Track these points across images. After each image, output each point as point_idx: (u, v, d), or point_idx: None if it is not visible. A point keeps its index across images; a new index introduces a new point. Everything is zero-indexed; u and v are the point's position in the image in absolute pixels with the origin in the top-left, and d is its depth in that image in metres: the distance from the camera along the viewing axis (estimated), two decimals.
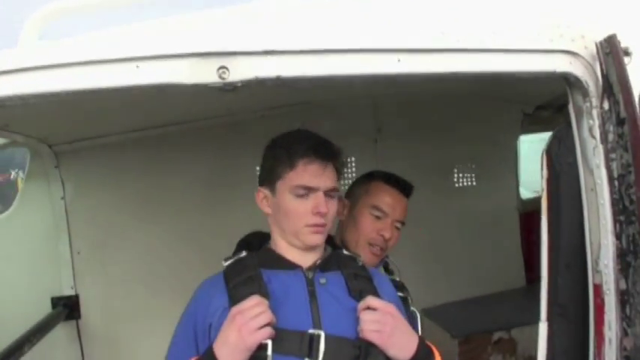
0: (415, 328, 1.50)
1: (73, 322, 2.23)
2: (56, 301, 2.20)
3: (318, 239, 1.22)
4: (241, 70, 0.88)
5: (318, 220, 1.19)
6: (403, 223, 1.64)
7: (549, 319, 1.20)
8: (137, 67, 0.86)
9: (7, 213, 2.20)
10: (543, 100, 2.72)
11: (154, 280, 2.26)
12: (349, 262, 1.27)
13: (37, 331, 1.98)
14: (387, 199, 1.59)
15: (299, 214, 1.19)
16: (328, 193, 1.20)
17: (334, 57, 0.91)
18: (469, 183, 2.91)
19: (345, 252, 1.33)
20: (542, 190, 1.19)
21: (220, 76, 0.88)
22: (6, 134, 1.73)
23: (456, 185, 2.90)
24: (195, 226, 2.28)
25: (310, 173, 1.19)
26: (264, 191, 1.25)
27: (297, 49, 0.90)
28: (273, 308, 1.09)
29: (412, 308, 1.55)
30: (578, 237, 1.17)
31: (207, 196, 2.28)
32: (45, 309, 2.17)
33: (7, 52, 0.90)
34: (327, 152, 1.24)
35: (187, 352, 1.16)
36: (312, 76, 0.91)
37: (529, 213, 3.00)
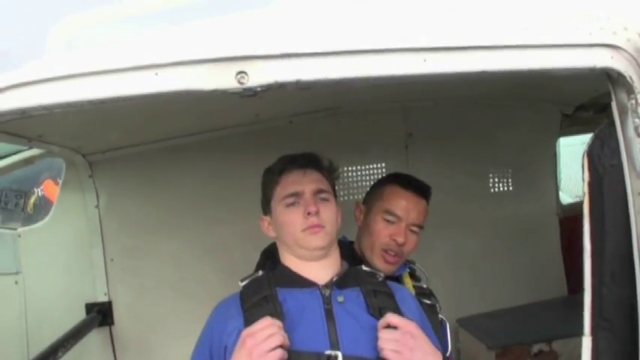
0: (444, 336, 1.45)
1: (107, 328, 2.26)
2: (90, 308, 2.24)
3: (320, 240, 1.21)
4: (260, 75, 0.86)
5: (312, 220, 1.20)
6: (421, 227, 1.58)
7: (593, 333, 1.12)
8: (156, 74, 0.85)
9: (44, 221, 2.27)
10: (584, 100, 2.59)
11: (185, 286, 2.28)
12: (369, 278, 1.24)
13: (71, 336, 2.02)
14: (400, 202, 1.55)
15: (293, 221, 1.23)
16: (318, 196, 1.23)
17: (356, 58, 0.88)
18: (505, 188, 2.80)
19: (364, 268, 1.31)
20: (584, 194, 1.11)
21: (239, 81, 0.86)
22: (41, 145, 1.77)
23: (492, 190, 2.79)
24: (223, 233, 2.29)
25: (291, 181, 1.27)
26: (266, 218, 1.31)
27: (317, 52, 0.87)
28: (288, 329, 1.07)
29: (441, 316, 1.50)
30: (624, 244, 1.09)
31: (236, 203, 2.28)
32: (79, 315, 2.22)
33: (31, 62, 0.91)
34: (303, 159, 1.32)
35: None
36: (333, 79, 0.88)
37: (570, 218, 2.86)
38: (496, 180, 2.80)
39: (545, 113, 2.71)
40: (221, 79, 0.86)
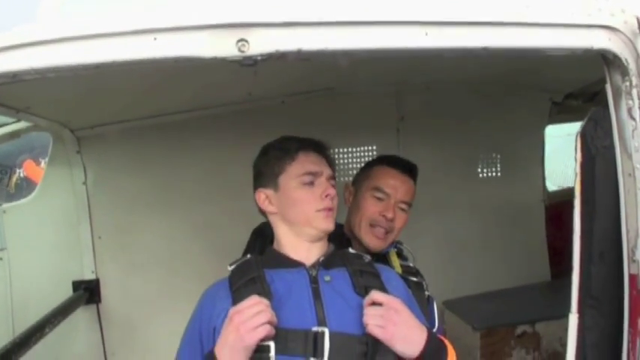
0: (431, 312, 1.47)
1: (94, 305, 2.25)
2: (77, 285, 2.22)
3: (330, 223, 1.24)
4: (261, 43, 0.85)
5: (328, 203, 1.23)
6: (409, 205, 1.61)
7: (580, 310, 1.14)
8: (155, 39, 0.83)
9: (29, 197, 2.23)
10: (573, 88, 2.62)
11: (173, 265, 2.27)
12: (355, 259, 1.26)
13: (59, 313, 2.00)
14: (388, 180, 1.58)
15: (309, 200, 1.23)
16: (330, 182, 1.26)
17: (358, 29, 0.87)
18: (494, 174, 2.84)
19: (351, 250, 1.32)
20: (576, 174, 1.13)
21: (240, 49, 0.85)
22: (29, 117, 1.73)
23: (480, 175, 2.83)
24: (213, 211, 2.28)
25: (311, 161, 1.26)
26: (265, 191, 1.28)
27: (320, 21, 0.86)
28: (276, 308, 1.08)
29: (427, 293, 1.53)
30: (613, 224, 1.11)
31: (226, 181, 2.27)
32: (66, 292, 2.20)
33: (25, 26, 0.88)
34: (320, 145, 1.33)
35: (194, 355, 1.16)
36: (335, 49, 0.87)
37: (555, 205, 2.91)
38: (485, 165, 2.83)
39: (534, 100, 2.74)
40: (221, 46, 0.85)
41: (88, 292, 2.22)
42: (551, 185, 3.52)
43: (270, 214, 1.29)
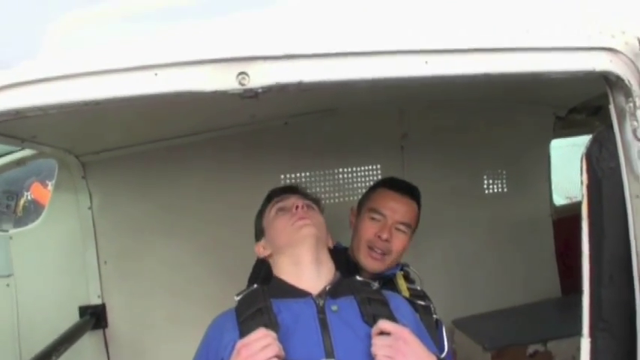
0: (440, 336, 1.45)
1: (100, 331, 2.24)
2: (84, 310, 2.21)
3: (307, 231, 1.27)
4: (262, 76, 0.85)
5: (299, 213, 1.30)
6: (408, 226, 1.61)
7: (592, 334, 1.12)
8: (155, 74, 0.84)
9: (36, 223, 2.24)
10: (577, 102, 2.62)
11: (179, 288, 2.26)
12: (363, 287, 1.26)
13: (65, 339, 1.99)
14: (385, 201, 1.60)
15: (284, 220, 1.32)
16: (304, 202, 1.35)
17: (358, 60, 0.87)
18: (499, 189, 2.82)
19: (358, 278, 1.33)
20: (583, 196, 1.12)
21: (240, 82, 0.85)
22: (34, 146, 1.75)
23: (486, 192, 2.81)
24: (219, 234, 2.28)
25: (282, 198, 1.41)
26: (260, 243, 1.41)
27: (320, 53, 0.86)
28: (283, 339, 1.07)
29: (435, 316, 1.51)
30: (622, 247, 1.09)
31: (231, 204, 2.27)
32: (72, 318, 2.19)
33: (26, 63, 0.89)
34: (290, 187, 1.53)
35: None
36: (336, 81, 0.88)
37: (563, 220, 2.89)
38: (491, 181, 2.81)
39: (538, 116, 2.73)
40: (222, 80, 0.85)
41: (94, 317, 2.21)
42: (559, 199, 3.49)
43: (268, 258, 1.34)
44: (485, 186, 2.81)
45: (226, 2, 0.87)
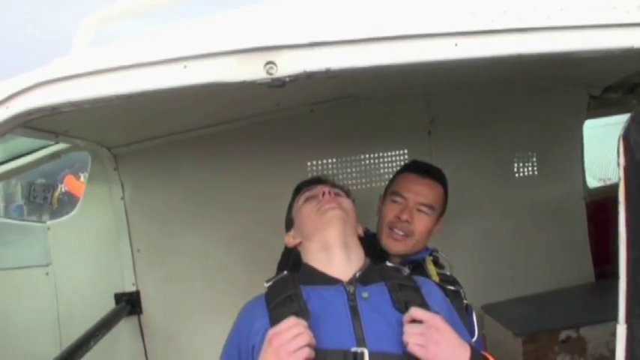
0: (470, 321, 1.44)
1: (135, 317, 2.31)
2: (119, 297, 2.29)
3: (334, 214, 1.27)
4: (289, 65, 0.85)
5: (326, 198, 1.31)
6: (431, 207, 1.60)
7: (629, 321, 1.09)
8: (185, 67, 0.85)
9: (71, 214, 2.31)
10: (612, 81, 2.52)
11: (210, 275, 2.31)
12: (394, 273, 1.25)
13: (102, 326, 2.06)
14: (406, 184, 1.60)
15: (312, 207, 1.33)
16: (333, 191, 1.36)
17: (385, 45, 0.86)
18: (530, 172, 2.75)
19: (388, 263, 1.32)
20: (620, 179, 1.08)
21: (268, 72, 0.85)
22: (68, 139, 1.80)
23: (517, 175, 2.75)
24: (248, 222, 2.30)
25: (309, 189, 1.42)
26: (290, 233, 1.42)
27: (346, 39, 0.85)
28: (314, 327, 1.06)
29: (466, 302, 1.50)
30: None
31: (260, 191, 2.29)
32: (109, 305, 2.26)
33: (59, 60, 0.91)
34: (317, 179, 1.55)
35: None
36: (364, 67, 0.87)
37: (597, 203, 2.80)
38: (521, 164, 2.75)
39: (571, 95, 2.64)
40: (250, 70, 0.85)
41: (129, 304, 2.28)
42: (592, 181, 3.39)
43: (298, 247, 1.35)
44: (515, 169, 2.74)
45: None
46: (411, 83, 2.26)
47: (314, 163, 2.42)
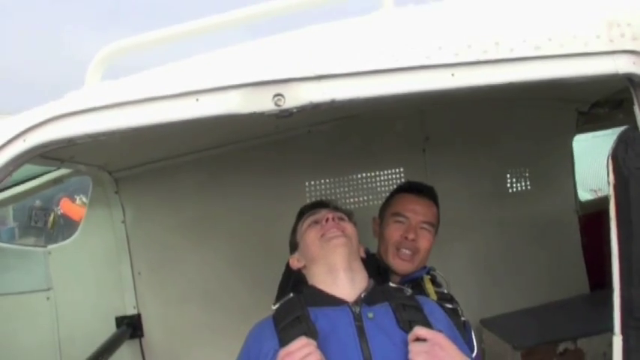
0: (469, 337, 1.48)
1: (137, 340, 2.31)
2: (120, 321, 2.30)
3: (339, 242, 1.31)
4: (296, 97, 0.90)
5: (329, 225, 1.34)
6: (432, 225, 1.65)
7: (624, 332, 1.13)
8: (197, 100, 0.89)
9: (72, 238, 2.32)
10: (599, 97, 2.60)
11: (211, 297, 2.33)
12: (397, 293, 1.29)
13: (104, 350, 2.07)
14: (406, 204, 1.65)
15: (315, 232, 1.36)
16: (336, 215, 1.39)
17: (386, 76, 0.91)
18: (523, 188, 2.81)
19: (391, 284, 1.36)
20: (610, 196, 1.13)
21: (276, 104, 0.90)
22: (71, 165, 1.83)
23: (510, 191, 2.81)
24: (247, 243, 2.33)
25: (313, 213, 1.46)
26: (294, 256, 1.45)
27: (350, 72, 0.90)
28: (322, 347, 1.10)
29: (463, 318, 1.54)
30: None
31: (258, 214, 2.33)
32: (110, 328, 2.27)
33: (74, 93, 0.95)
34: (320, 202, 1.58)
35: None
36: (366, 97, 0.92)
37: (589, 215, 2.86)
38: (514, 180, 2.81)
39: (560, 112, 2.72)
40: (259, 102, 0.90)
41: (130, 327, 2.29)
42: (584, 193, 3.45)
43: (302, 270, 1.38)
44: (508, 184, 2.80)
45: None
46: (405, 102, 2.32)
47: (312, 183, 2.47)
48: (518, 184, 2.80)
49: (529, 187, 2.80)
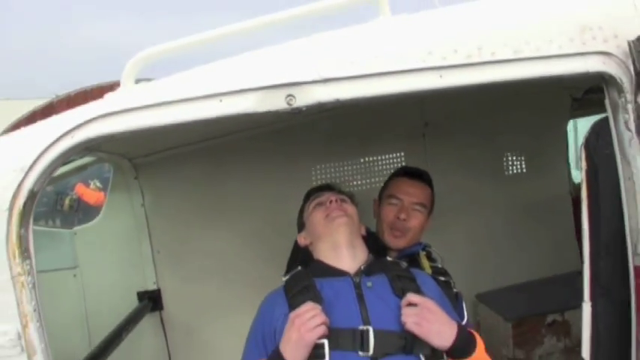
0: (460, 307, 1.64)
1: (157, 313, 2.51)
2: (142, 295, 2.48)
3: (341, 221, 1.45)
4: (305, 97, 1.05)
5: (332, 206, 1.48)
6: (424, 206, 1.80)
7: (592, 299, 1.30)
8: (220, 101, 1.04)
9: (95, 221, 2.50)
10: (593, 83, 2.70)
11: (224, 273, 2.50)
12: (393, 266, 1.44)
13: (127, 322, 2.24)
14: (400, 187, 1.80)
15: (320, 213, 1.50)
16: (338, 197, 1.53)
17: (384, 79, 1.06)
18: (519, 171, 2.95)
19: (389, 258, 1.51)
20: (582, 180, 1.28)
21: (288, 103, 1.05)
22: (96, 154, 1.99)
23: (506, 173, 2.94)
24: (258, 223, 2.49)
25: (318, 195, 1.60)
26: (301, 234, 1.59)
27: (352, 75, 1.05)
28: (327, 311, 1.27)
29: (455, 290, 1.69)
30: (617, 223, 1.26)
31: (268, 195, 2.48)
32: (132, 302, 2.45)
33: (114, 94, 1.11)
34: (326, 185, 1.74)
35: (258, 353, 1.37)
36: (366, 97, 1.06)
37: None
38: (510, 163, 2.95)
39: (555, 98, 2.83)
40: (273, 101, 1.05)
41: (151, 301, 2.48)
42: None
43: (309, 246, 1.52)
44: (504, 168, 2.94)
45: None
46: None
47: (317, 167, 2.62)
48: (514, 167, 2.94)
49: (524, 171, 2.94)
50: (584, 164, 1.28)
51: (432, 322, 1.25)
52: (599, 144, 1.27)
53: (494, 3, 1.18)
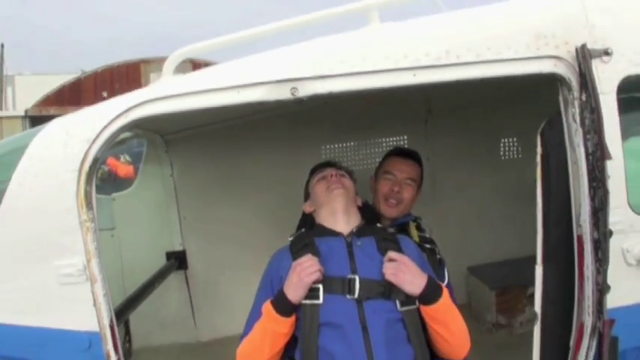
0: (442, 271, 1.90)
1: (182, 271, 2.86)
2: (169, 255, 2.84)
3: (339, 192, 1.70)
4: (305, 89, 1.33)
5: (333, 180, 1.72)
6: (414, 180, 2.03)
7: (543, 263, 1.56)
8: (238, 92, 1.33)
9: (130, 189, 2.85)
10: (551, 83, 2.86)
11: (241, 237, 2.83)
12: (381, 231, 1.72)
13: (156, 279, 2.59)
14: (394, 164, 2.04)
15: (323, 186, 1.74)
16: (338, 172, 1.77)
17: (368, 77, 1.33)
18: (514, 155, 3.16)
19: (378, 225, 1.78)
20: (537, 164, 1.53)
21: (292, 94, 1.33)
22: (134, 130, 2.31)
23: (503, 158, 3.17)
24: (272, 194, 2.81)
25: (322, 170, 1.82)
26: (307, 203, 1.84)
27: (343, 73, 1.33)
28: (323, 262, 1.55)
29: (439, 256, 1.95)
30: (565, 200, 1.51)
31: (281, 170, 2.78)
32: (161, 261, 2.82)
33: (158, 84, 1.41)
34: (328, 162, 1.93)
35: (267, 295, 1.64)
36: (353, 90, 1.34)
37: None
38: (506, 148, 3.16)
39: (548, 88, 3.00)
40: (280, 93, 1.34)
41: (177, 260, 2.84)
42: None
43: (313, 213, 1.80)
44: (501, 152, 3.16)
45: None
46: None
47: (327, 147, 2.90)
48: (510, 152, 3.16)
49: (520, 156, 3.16)
50: (539, 150, 1.52)
51: (406, 273, 1.53)
52: (552, 133, 1.52)
53: (461, 14, 1.43)
